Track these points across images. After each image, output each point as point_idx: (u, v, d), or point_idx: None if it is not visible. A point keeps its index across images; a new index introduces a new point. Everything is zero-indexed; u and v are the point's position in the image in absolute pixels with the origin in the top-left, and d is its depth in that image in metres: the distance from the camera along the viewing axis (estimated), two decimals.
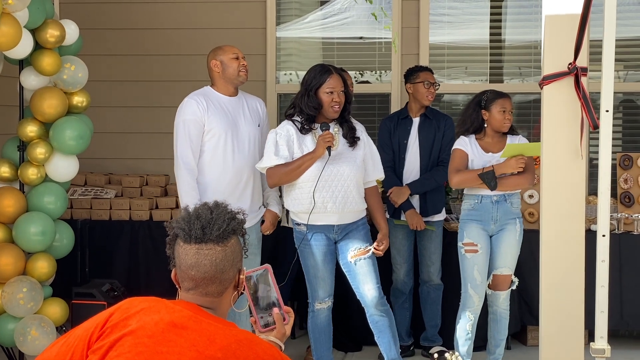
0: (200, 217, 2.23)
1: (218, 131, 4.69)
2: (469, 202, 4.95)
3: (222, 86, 4.82)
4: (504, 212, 4.89)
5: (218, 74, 4.80)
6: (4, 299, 4.81)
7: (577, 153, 3.55)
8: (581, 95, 3.47)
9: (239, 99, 4.87)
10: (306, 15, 6.97)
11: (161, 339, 2.06)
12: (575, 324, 3.70)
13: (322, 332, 4.78)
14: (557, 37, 3.59)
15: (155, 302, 2.17)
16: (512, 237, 4.90)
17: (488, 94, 5.00)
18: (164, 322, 2.09)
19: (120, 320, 2.11)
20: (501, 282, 4.95)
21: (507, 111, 4.93)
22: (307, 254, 4.66)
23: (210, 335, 2.08)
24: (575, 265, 3.68)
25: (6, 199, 4.90)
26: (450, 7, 6.83)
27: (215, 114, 4.70)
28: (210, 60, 4.82)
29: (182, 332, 2.07)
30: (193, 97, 4.74)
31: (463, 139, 5.00)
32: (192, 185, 4.65)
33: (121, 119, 6.87)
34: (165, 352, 2.03)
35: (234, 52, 4.83)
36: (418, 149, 5.55)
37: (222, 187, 4.69)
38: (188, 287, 2.23)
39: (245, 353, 2.07)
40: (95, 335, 2.12)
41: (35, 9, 4.65)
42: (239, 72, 4.81)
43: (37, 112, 4.91)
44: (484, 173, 4.80)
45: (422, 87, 5.53)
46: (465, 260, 4.90)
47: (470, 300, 4.90)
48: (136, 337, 2.06)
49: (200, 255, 2.20)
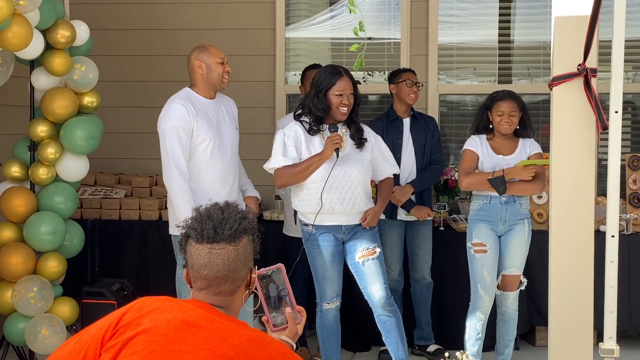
0: (212, 217, 2.25)
1: (206, 137, 4.60)
2: (477, 203, 4.95)
3: (203, 89, 4.70)
4: (513, 212, 4.89)
5: (201, 76, 4.67)
6: (14, 298, 4.83)
7: (586, 154, 3.56)
8: (591, 96, 3.47)
9: (217, 102, 4.78)
10: (315, 16, 6.98)
11: (174, 338, 2.07)
12: (584, 325, 3.70)
13: (331, 333, 4.79)
14: (567, 38, 3.59)
15: (168, 301, 2.18)
16: (521, 237, 4.90)
17: (495, 95, 4.99)
18: (177, 320, 2.11)
19: (133, 319, 2.13)
20: (510, 282, 4.95)
21: (506, 114, 4.88)
22: (315, 255, 4.67)
23: (222, 334, 2.09)
24: (584, 265, 3.68)
25: (17, 199, 4.93)
26: (459, 7, 6.83)
27: (202, 119, 4.59)
28: (194, 60, 4.69)
29: (194, 330, 2.09)
30: (180, 103, 4.59)
31: (474, 139, 5.00)
32: (189, 191, 4.54)
33: (131, 119, 6.89)
34: (177, 351, 2.05)
35: (220, 56, 4.70)
36: (412, 148, 5.57)
37: (211, 191, 4.59)
38: (201, 287, 2.25)
39: (257, 352, 2.08)
40: (109, 334, 2.13)
41: (46, 9, 4.67)
42: (223, 79, 4.70)
43: (48, 113, 4.94)
44: (493, 178, 4.79)
45: (404, 86, 5.56)
46: (475, 260, 4.90)
47: (480, 300, 4.90)
48: (149, 336, 2.08)
49: (212, 255, 2.22)
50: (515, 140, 4.98)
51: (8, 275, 4.89)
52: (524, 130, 4.99)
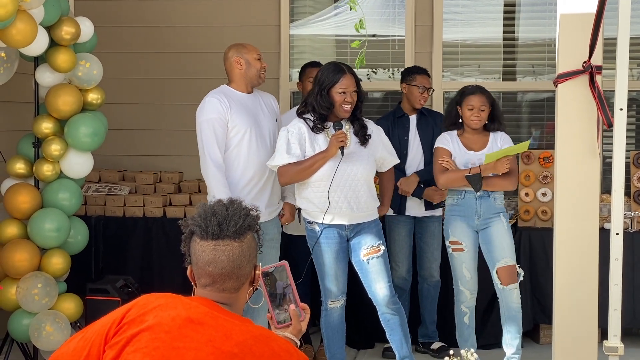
0: (217, 213, 2.24)
1: (242, 128, 4.71)
2: (452, 198, 5.00)
3: (241, 84, 4.83)
4: (487, 207, 4.92)
5: (240, 72, 4.80)
6: (19, 295, 4.84)
7: (591, 151, 3.56)
8: (596, 93, 3.47)
9: (255, 96, 4.90)
10: (320, 13, 6.97)
11: (178, 335, 2.07)
12: (589, 322, 3.70)
13: (335, 331, 4.79)
14: (572, 36, 3.59)
15: (172, 299, 2.18)
16: (501, 229, 4.91)
17: (464, 90, 5.02)
18: (181, 317, 2.11)
19: (137, 316, 2.13)
20: (508, 274, 4.91)
21: (476, 108, 4.92)
22: (319, 252, 4.67)
23: (226, 331, 2.09)
24: (589, 263, 3.69)
25: (21, 195, 4.93)
26: (463, 4, 6.83)
27: (238, 111, 4.72)
28: (233, 56, 4.80)
29: (198, 327, 2.09)
30: (214, 96, 4.74)
31: (444, 136, 5.05)
32: (224, 182, 4.65)
33: (135, 116, 6.90)
34: (182, 348, 2.05)
35: (257, 52, 4.85)
36: (419, 144, 5.55)
37: (245, 182, 4.73)
38: (205, 284, 2.24)
39: (262, 349, 2.08)
40: (113, 331, 2.13)
41: (51, 6, 4.68)
42: (260, 74, 4.84)
43: (52, 109, 4.94)
44: (471, 175, 4.83)
45: (416, 90, 5.54)
46: (453, 258, 4.98)
47: (462, 295, 4.99)
48: (153, 333, 2.08)
49: (217, 251, 2.21)
50: (486, 134, 5.01)
51: (12, 272, 4.89)
52: (493, 124, 5.02)
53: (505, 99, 6.95)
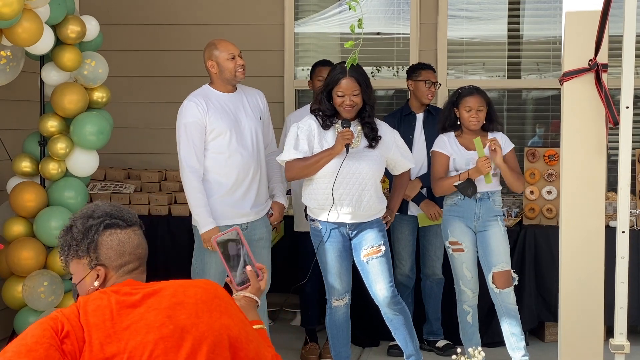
0: (114, 209, 2.44)
1: (221, 129, 4.66)
2: (452, 198, 4.98)
3: (220, 85, 4.79)
4: (487, 209, 4.91)
5: (215, 74, 4.77)
6: (25, 293, 4.85)
7: (597, 149, 3.56)
8: (602, 91, 3.47)
9: (238, 95, 4.84)
10: (324, 11, 6.97)
11: (171, 312, 2.22)
12: (595, 320, 3.70)
13: (340, 329, 4.79)
14: (578, 34, 3.59)
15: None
16: (498, 233, 4.90)
17: (460, 91, 5.01)
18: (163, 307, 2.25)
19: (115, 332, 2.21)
20: (504, 279, 4.89)
21: (474, 110, 4.90)
22: (323, 251, 4.67)
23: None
24: (595, 261, 3.68)
25: (27, 194, 4.94)
26: (468, 2, 6.82)
27: (216, 113, 4.67)
28: (207, 60, 4.78)
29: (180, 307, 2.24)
30: (192, 100, 4.71)
31: (441, 139, 5.03)
32: (199, 187, 4.64)
33: (141, 114, 6.91)
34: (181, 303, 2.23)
35: (229, 52, 4.74)
36: (424, 143, 5.55)
37: (230, 183, 4.70)
38: (133, 268, 2.39)
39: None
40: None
41: (57, 5, 4.68)
42: (236, 73, 4.74)
43: (58, 108, 4.95)
44: (459, 184, 4.83)
45: (423, 85, 5.56)
46: (454, 259, 4.98)
47: (464, 294, 4.99)
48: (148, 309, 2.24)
49: (137, 235, 2.43)
50: (484, 135, 4.98)
51: (18, 270, 4.90)
52: (491, 124, 5.01)
53: (510, 96, 6.95)
